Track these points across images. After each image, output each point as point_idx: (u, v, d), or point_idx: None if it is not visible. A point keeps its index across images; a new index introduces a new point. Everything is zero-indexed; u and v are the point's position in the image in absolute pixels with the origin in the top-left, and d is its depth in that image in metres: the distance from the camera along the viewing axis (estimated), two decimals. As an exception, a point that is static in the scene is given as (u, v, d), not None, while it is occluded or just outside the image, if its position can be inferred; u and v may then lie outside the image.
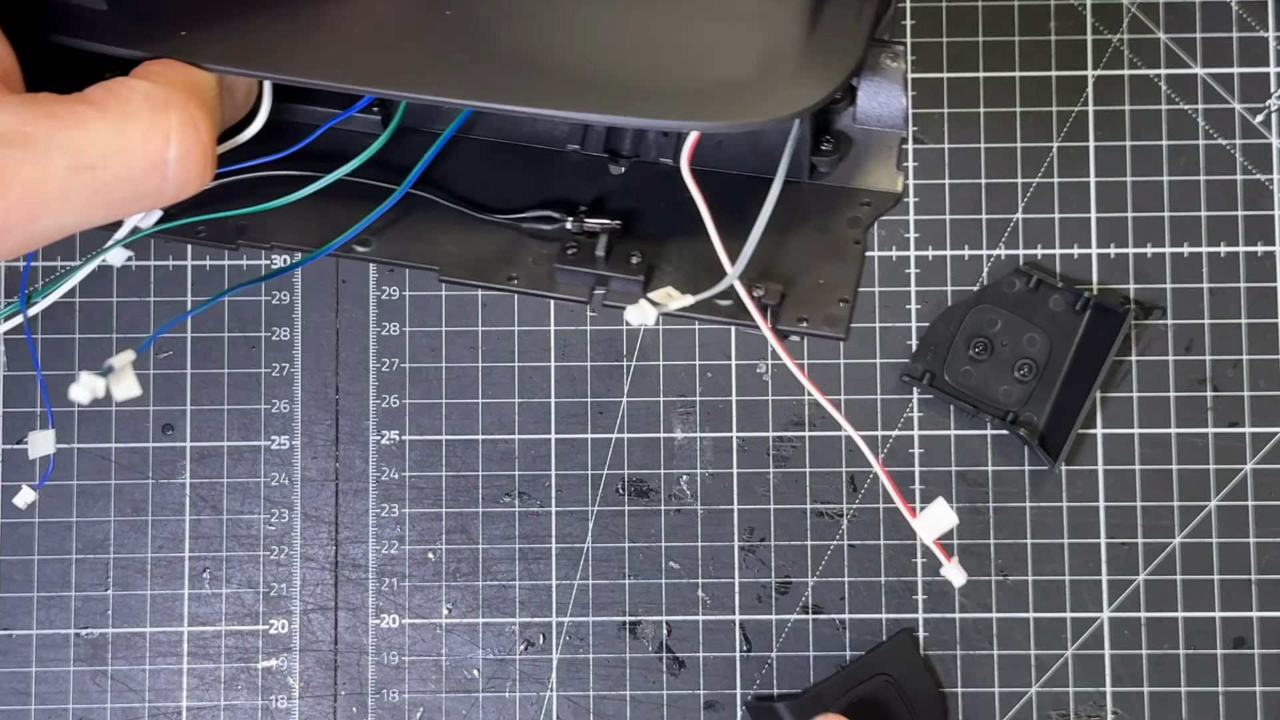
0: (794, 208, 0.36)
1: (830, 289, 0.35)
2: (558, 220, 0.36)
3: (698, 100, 0.31)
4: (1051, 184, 0.53)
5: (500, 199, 0.37)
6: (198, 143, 0.31)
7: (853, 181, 0.36)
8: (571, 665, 0.52)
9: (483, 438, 0.52)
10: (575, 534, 0.52)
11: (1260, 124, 0.53)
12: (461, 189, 0.37)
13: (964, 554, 0.52)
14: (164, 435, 0.52)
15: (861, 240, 0.35)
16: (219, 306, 0.52)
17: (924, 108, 0.53)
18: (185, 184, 0.31)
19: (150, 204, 0.32)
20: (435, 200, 0.36)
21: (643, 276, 0.35)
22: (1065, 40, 0.53)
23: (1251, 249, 0.52)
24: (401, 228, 0.36)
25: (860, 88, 0.35)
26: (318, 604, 0.52)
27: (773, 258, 0.35)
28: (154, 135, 0.30)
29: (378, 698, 0.51)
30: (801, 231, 0.36)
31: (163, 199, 0.32)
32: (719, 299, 0.34)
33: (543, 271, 0.36)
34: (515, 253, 0.36)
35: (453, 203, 0.36)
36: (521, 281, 0.36)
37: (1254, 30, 0.53)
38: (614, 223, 0.36)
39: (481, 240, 0.36)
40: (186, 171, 0.31)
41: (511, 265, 0.36)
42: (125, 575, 0.52)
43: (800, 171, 0.36)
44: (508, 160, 0.38)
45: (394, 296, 0.53)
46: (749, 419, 0.52)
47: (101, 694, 0.51)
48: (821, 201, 0.36)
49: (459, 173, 0.37)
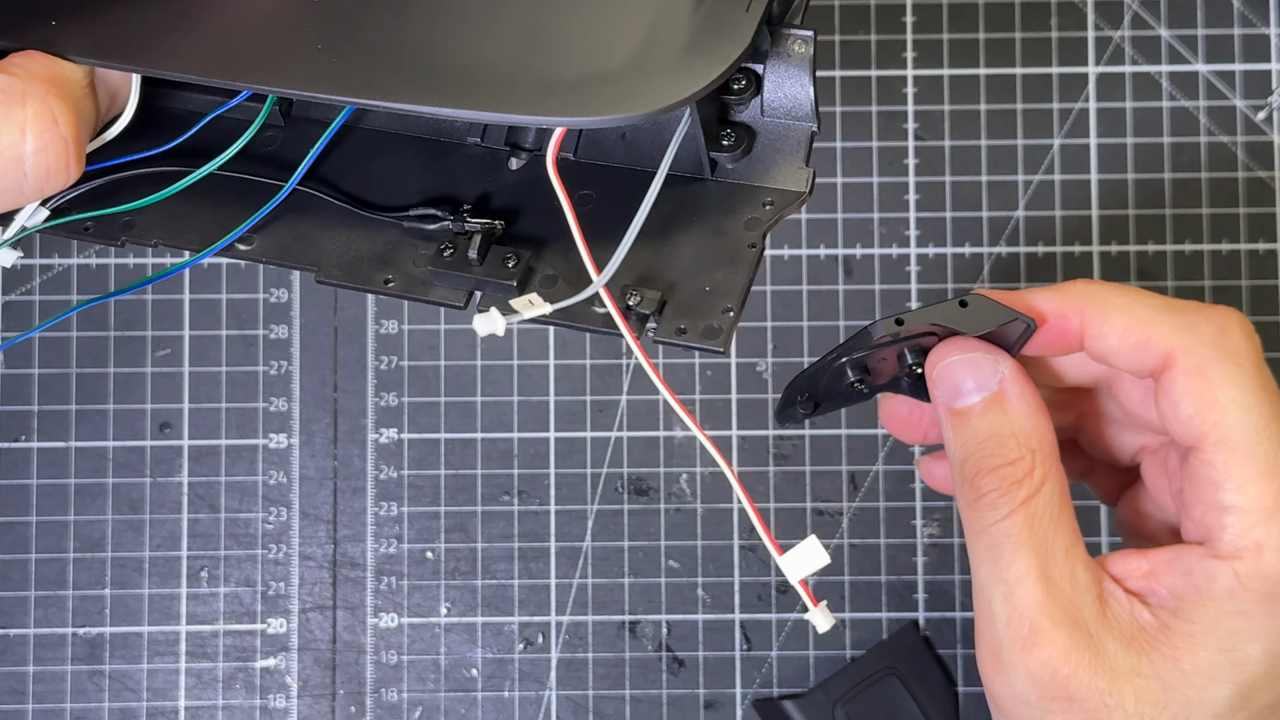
0: (692, 208, 0.34)
1: (716, 296, 0.32)
2: (440, 219, 0.34)
3: (563, 93, 0.30)
4: (1053, 181, 0.53)
5: (394, 194, 0.35)
6: (56, 136, 0.31)
7: (761, 180, 0.34)
8: (571, 664, 0.51)
9: (481, 436, 0.52)
10: (574, 533, 0.52)
11: (1262, 121, 0.53)
12: (355, 184, 0.35)
13: (964, 553, 0.51)
14: (161, 434, 0.52)
15: (757, 244, 0.33)
16: (216, 305, 0.52)
17: (925, 105, 0.53)
18: (45, 178, 0.31)
19: (13, 200, 0.31)
20: (322, 197, 0.35)
21: (516, 281, 0.33)
22: (1066, 37, 0.53)
23: (1253, 247, 0.52)
24: (286, 225, 0.35)
25: (766, 77, 0.33)
26: (316, 603, 0.52)
27: (658, 261, 0.33)
28: (8, 129, 0.30)
29: (376, 697, 0.51)
30: (693, 233, 0.34)
31: (25, 194, 0.31)
32: (596, 306, 0.32)
33: (420, 274, 0.34)
34: (395, 254, 0.34)
35: (339, 199, 0.35)
36: (397, 285, 0.34)
37: (1255, 27, 0.53)
38: (495, 223, 0.34)
39: (364, 240, 0.34)
40: (45, 166, 0.31)
41: (389, 267, 0.34)
42: (123, 574, 0.52)
43: (700, 168, 0.34)
44: (406, 154, 0.36)
45: (392, 294, 0.52)
46: (749, 417, 0.52)
47: (99, 693, 0.51)
48: (721, 201, 0.34)
49: (354, 167, 0.36)
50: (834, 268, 0.52)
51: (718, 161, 0.34)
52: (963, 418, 0.34)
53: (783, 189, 0.34)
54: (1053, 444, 0.34)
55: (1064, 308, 0.34)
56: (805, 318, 0.52)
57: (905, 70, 0.53)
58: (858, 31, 0.53)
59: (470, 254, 0.33)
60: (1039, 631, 0.32)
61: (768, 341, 0.52)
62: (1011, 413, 0.34)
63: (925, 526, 0.52)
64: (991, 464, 0.33)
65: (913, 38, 0.53)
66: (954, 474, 0.35)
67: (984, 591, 0.33)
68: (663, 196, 0.32)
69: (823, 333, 0.52)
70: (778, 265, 0.52)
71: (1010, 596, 0.33)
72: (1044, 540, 0.33)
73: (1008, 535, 0.33)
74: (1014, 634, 0.32)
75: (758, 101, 0.33)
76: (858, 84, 0.53)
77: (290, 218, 0.35)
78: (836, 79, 0.53)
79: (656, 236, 0.33)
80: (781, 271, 0.52)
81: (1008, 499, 0.33)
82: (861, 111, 0.53)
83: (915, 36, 0.53)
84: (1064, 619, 0.32)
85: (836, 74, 0.53)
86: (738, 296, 0.32)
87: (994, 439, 0.34)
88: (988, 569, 0.33)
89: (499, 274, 0.33)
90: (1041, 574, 0.33)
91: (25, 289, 0.52)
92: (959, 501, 0.34)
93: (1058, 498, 0.33)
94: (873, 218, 0.53)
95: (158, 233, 0.35)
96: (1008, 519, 0.33)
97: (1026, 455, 0.33)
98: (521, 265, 0.33)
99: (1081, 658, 0.32)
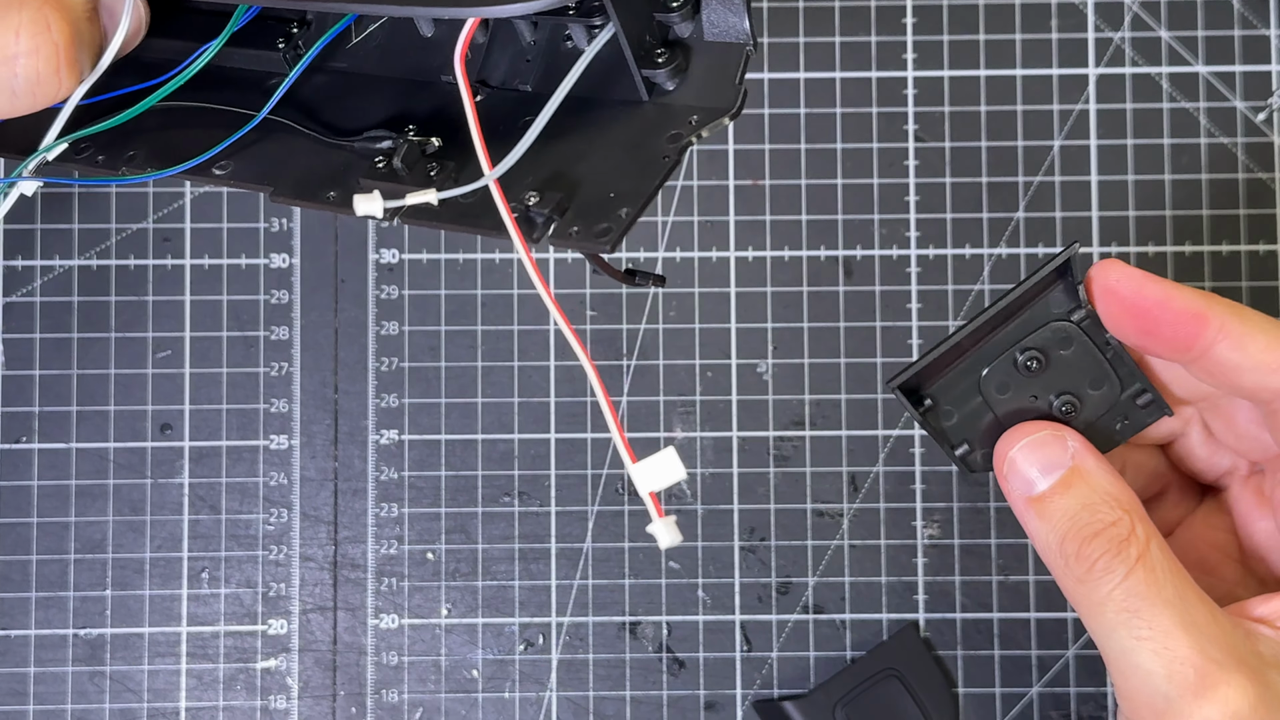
0: (622, 124, 0.34)
1: (619, 202, 0.32)
2: (386, 138, 0.35)
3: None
4: (1053, 183, 0.53)
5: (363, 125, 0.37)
6: (48, 40, 0.32)
7: (695, 100, 0.34)
8: (571, 665, 0.51)
9: (482, 437, 0.52)
10: (575, 534, 0.52)
11: (1262, 122, 0.53)
12: (332, 117, 0.37)
13: (965, 554, 0.51)
14: (162, 435, 0.52)
15: (671, 155, 0.33)
16: (217, 307, 0.52)
17: (925, 106, 0.53)
18: (35, 81, 0.33)
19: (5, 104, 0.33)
20: (292, 126, 0.37)
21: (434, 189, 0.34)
22: (1067, 38, 0.53)
23: (1254, 248, 0.52)
24: (261, 152, 0.37)
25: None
26: (316, 604, 0.52)
27: (574, 171, 0.33)
28: (2, 31, 0.32)
29: (377, 698, 0.51)
30: (616, 147, 0.34)
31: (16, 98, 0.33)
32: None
33: (358, 187, 0.35)
34: (345, 173, 0.36)
35: (307, 128, 0.37)
36: (336, 198, 0.35)
37: (1256, 28, 0.53)
38: (429, 139, 0.35)
39: (324, 163, 0.36)
40: (35, 69, 0.32)
41: (335, 184, 0.35)
42: (124, 575, 0.52)
43: (633, 90, 0.34)
44: (384, 91, 0.38)
45: (393, 296, 0.52)
46: (749, 418, 0.52)
47: (100, 694, 0.51)
48: (652, 120, 0.34)
49: (335, 103, 0.38)
50: (834, 269, 0.52)
51: (656, 84, 0.34)
52: (1044, 503, 0.34)
53: (712, 108, 0.34)
54: (1140, 503, 0.34)
55: (1207, 310, 0.34)
56: (805, 319, 0.52)
57: (905, 72, 0.53)
58: (858, 33, 0.53)
59: (395, 163, 0.34)
60: (1207, 675, 0.32)
61: (768, 343, 0.52)
62: (1094, 480, 0.34)
63: (926, 528, 0.52)
64: (1093, 530, 0.33)
65: (913, 39, 0.53)
66: (1052, 560, 0.34)
67: (1128, 655, 0.33)
68: (598, 116, 0.33)
69: (823, 334, 0.52)
70: (778, 266, 0.52)
71: (1164, 650, 0.32)
72: (1174, 590, 0.33)
73: (1136, 594, 0.33)
74: (1181, 684, 0.32)
75: (697, 21, 0.33)
76: (858, 85, 0.53)
77: (266, 146, 0.37)
78: (837, 80, 0.53)
79: (578, 150, 0.33)
80: (781, 272, 0.52)
81: (1122, 559, 0.33)
82: (862, 113, 0.53)
83: (915, 38, 0.53)
84: (1228, 660, 0.32)
85: (837, 75, 0.53)
86: (637, 200, 0.32)
87: (1086, 509, 0.34)
88: (1125, 632, 0.33)
89: (422, 183, 0.34)
90: (1187, 621, 0.32)
91: (26, 290, 0.52)
92: (1065, 583, 0.34)
93: (1167, 550, 0.33)
94: (873, 219, 0.53)
95: (153, 163, 0.37)
96: (1129, 579, 0.33)
97: (1124, 515, 0.33)
98: (445, 175, 0.34)
99: (1259, 693, 0.32)
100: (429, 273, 0.52)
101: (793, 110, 0.53)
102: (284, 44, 0.38)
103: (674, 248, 0.53)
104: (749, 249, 0.53)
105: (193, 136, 0.37)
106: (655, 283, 0.36)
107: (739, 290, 0.52)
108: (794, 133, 0.53)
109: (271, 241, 0.53)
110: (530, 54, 0.37)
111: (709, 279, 0.52)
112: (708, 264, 0.53)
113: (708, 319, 0.52)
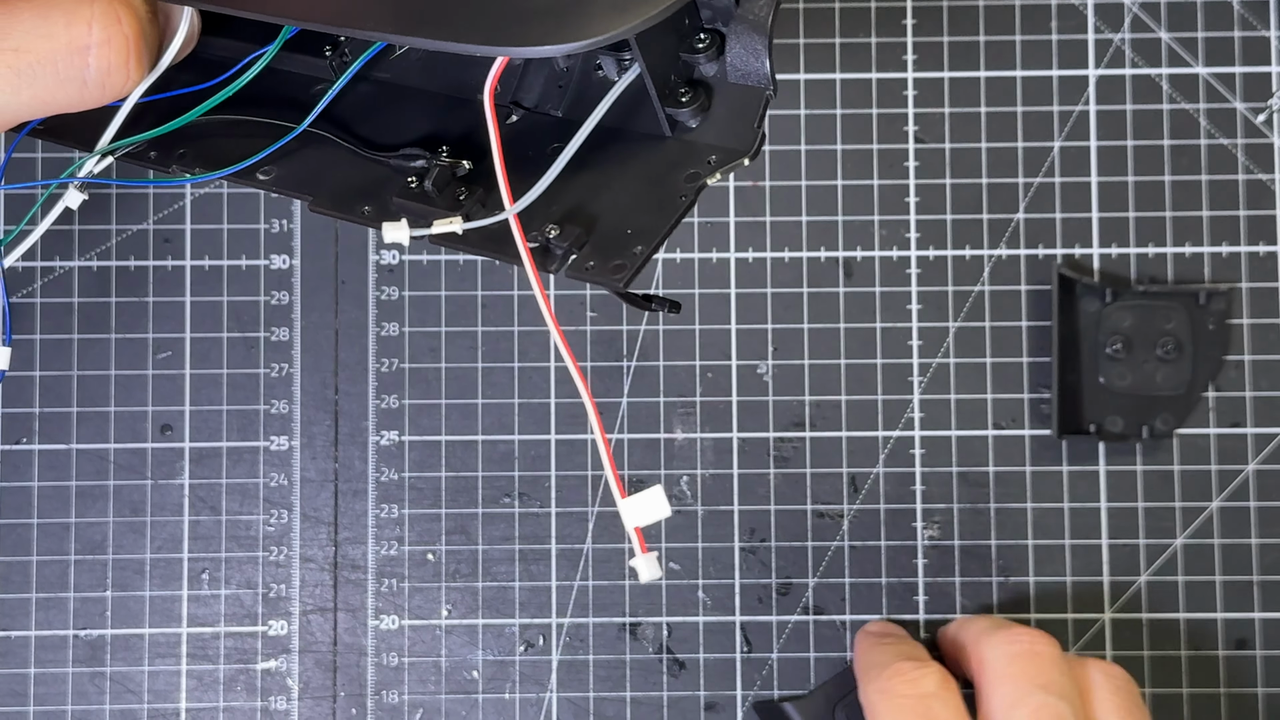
0: (644, 160, 0.35)
1: (635, 239, 0.33)
2: (421, 157, 0.36)
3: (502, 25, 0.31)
4: (1053, 184, 0.53)
5: (401, 139, 0.37)
6: (119, 32, 0.33)
7: (715, 139, 0.35)
8: (571, 666, 0.51)
9: (482, 438, 0.52)
10: (575, 535, 0.52)
11: (1262, 124, 0.53)
12: (371, 130, 0.38)
13: (965, 555, 0.51)
14: (162, 436, 0.52)
15: (688, 194, 0.34)
16: (218, 308, 0.52)
17: (925, 107, 0.53)
18: (107, 72, 0.33)
19: (76, 94, 0.34)
20: (331, 138, 0.38)
21: (464, 214, 0.34)
22: (1067, 40, 0.53)
23: (1254, 249, 0.52)
24: (302, 162, 0.38)
25: (728, 38, 0.33)
26: (317, 605, 0.52)
27: (594, 205, 0.34)
28: (76, 22, 0.33)
29: (377, 699, 0.51)
30: (636, 183, 0.35)
31: (87, 89, 0.34)
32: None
33: (391, 205, 0.36)
34: (380, 188, 0.36)
35: (345, 140, 0.37)
36: (370, 214, 0.36)
37: (1256, 30, 0.53)
38: (461, 162, 0.36)
39: (361, 176, 0.37)
40: (108, 59, 0.33)
41: (371, 199, 0.36)
42: (124, 576, 0.52)
43: (656, 125, 0.35)
44: (424, 105, 0.38)
45: (393, 297, 0.52)
46: (749, 419, 0.52)
47: (100, 695, 0.51)
48: (673, 157, 0.35)
49: (375, 116, 0.38)
50: (834, 270, 0.52)
51: (679, 120, 0.35)
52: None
53: (731, 149, 0.34)
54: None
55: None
56: (806, 320, 0.52)
57: (905, 73, 0.53)
58: (858, 34, 0.53)
59: (426, 185, 0.35)
60: None
61: (768, 344, 0.52)
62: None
63: (926, 529, 0.52)
64: None
65: (913, 40, 0.53)
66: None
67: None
68: (621, 149, 0.34)
69: (823, 335, 0.52)
70: (778, 267, 0.52)
71: None
72: None
73: None
74: None
75: (721, 61, 0.34)
76: (858, 86, 0.53)
77: (307, 154, 0.38)
78: (837, 81, 0.53)
79: (600, 181, 0.34)
80: (782, 274, 0.52)
81: None
82: (862, 114, 0.53)
83: (915, 39, 0.53)
84: None
85: (837, 76, 0.53)
86: (652, 239, 0.33)
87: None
88: None
89: (450, 206, 0.35)
90: None
91: (27, 291, 0.52)
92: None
93: None
94: (873, 220, 0.53)
95: (200, 164, 0.38)
96: None
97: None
98: (472, 201, 0.35)
99: None
100: (429, 274, 0.52)
101: (793, 111, 0.53)
102: (330, 51, 0.39)
103: (674, 249, 0.53)
104: (749, 250, 0.53)
105: (237, 140, 0.38)
106: (671, 309, 0.36)
107: (739, 291, 0.52)
108: (794, 134, 0.53)
109: (272, 243, 0.53)
110: (563, 79, 0.38)
111: (709, 280, 0.52)
112: (708, 265, 0.53)
113: (708, 320, 0.52)
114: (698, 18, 0.35)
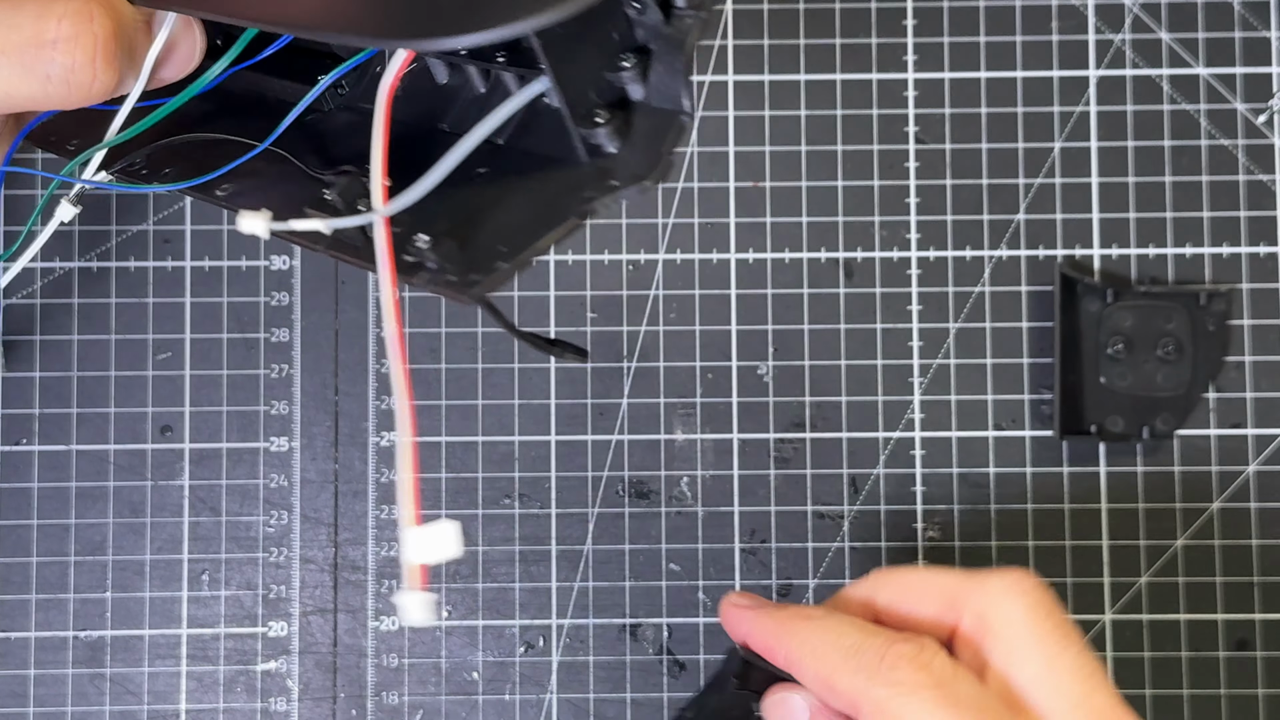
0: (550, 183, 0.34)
1: (504, 256, 0.32)
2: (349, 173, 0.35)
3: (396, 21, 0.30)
4: (1053, 185, 0.53)
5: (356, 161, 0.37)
6: (89, 30, 0.32)
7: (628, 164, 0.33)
8: (572, 668, 0.51)
9: (482, 439, 0.52)
10: (575, 536, 0.52)
11: (1263, 125, 0.53)
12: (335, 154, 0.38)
13: (965, 556, 0.51)
14: (163, 437, 0.52)
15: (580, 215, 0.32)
16: (218, 309, 0.52)
17: (926, 108, 0.53)
18: (71, 70, 0.33)
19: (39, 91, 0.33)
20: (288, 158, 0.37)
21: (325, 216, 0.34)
22: (1067, 40, 0.53)
23: (1254, 250, 0.52)
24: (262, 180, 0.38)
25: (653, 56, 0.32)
26: (317, 606, 0.52)
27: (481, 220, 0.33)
28: (46, 16, 0.32)
29: (377, 700, 0.51)
30: (532, 203, 0.33)
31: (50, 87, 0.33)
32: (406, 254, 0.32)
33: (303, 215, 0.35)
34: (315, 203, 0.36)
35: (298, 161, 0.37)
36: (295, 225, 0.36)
37: (1256, 30, 0.53)
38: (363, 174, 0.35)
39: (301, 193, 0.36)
40: (73, 56, 0.32)
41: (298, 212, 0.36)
42: (124, 577, 0.52)
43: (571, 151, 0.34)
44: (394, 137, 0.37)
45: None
46: (750, 420, 0.52)
47: (100, 696, 0.51)
48: (580, 180, 0.33)
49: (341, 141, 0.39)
50: (834, 271, 0.52)
51: (597, 144, 0.33)
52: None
53: (636, 175, 0.33)
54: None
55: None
56: (806, 321, 0.52)
57: (906, 74, 0.53)
58: (858, 35, 0.53)
59: (326, 195, 0.34)
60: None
61: (768, 345, 0.52)
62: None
63: (926, 530, 0.52)
64: None
65: (913, 41, 0.53)
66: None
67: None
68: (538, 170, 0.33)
69: (823, 335, 0.52)
70: (778, 268, 0.52)
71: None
72: None
73: None
74: None
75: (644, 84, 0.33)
76: (858, 87, 0.53)
77: (270, 173, 0.38)
78: (837, 82, 0.53)
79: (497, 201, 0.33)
80: (782, 275, 0.52)
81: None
82: (862, 115, 0.53)
83: (916, 40, 0.53)
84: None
85: (837, 77, 0.53)
86: (519, 256, 0.31)
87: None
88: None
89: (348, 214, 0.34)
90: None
91: (27, 292, 0.52)
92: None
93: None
94: (873, 221, 0.53)
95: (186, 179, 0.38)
96: None
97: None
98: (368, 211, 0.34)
99: None
100: (429, 275, 0.52)
101: (793, 112, 0.53)
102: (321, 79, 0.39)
103: (674, 249, 0.53)
104: (749, 251, 0.52)
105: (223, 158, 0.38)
106: (576, 357, 0.35)
107: (739, 292, 0.52)
108: (794, 134, 0.53)
109: (272, 244, 0.52)
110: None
111: (709, 281, 0.52)
112: (708, 266, 0.52)
113: (708, 321, 0.52)
114: (631, 35, 0.33)
